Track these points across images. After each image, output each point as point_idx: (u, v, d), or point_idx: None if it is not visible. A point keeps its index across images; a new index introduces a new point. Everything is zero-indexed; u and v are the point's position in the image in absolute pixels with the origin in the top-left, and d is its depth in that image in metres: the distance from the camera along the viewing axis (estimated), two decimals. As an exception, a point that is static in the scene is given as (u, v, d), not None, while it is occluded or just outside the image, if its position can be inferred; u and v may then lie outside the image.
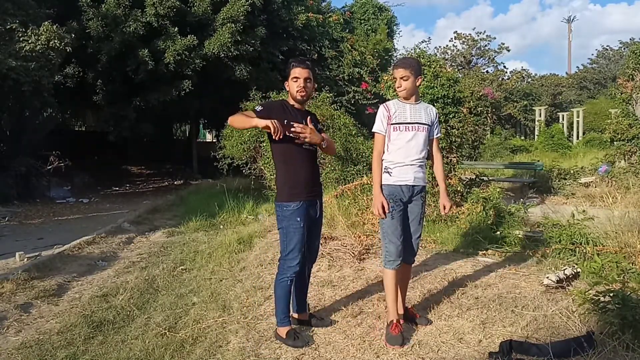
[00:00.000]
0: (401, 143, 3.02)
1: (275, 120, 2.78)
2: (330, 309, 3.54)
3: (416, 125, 3.03)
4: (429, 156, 3.21)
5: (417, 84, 3.07)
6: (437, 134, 3.19)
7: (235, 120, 2.98)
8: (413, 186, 3.05)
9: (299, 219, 2.94)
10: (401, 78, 3.02)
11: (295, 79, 2.99)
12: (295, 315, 3.24)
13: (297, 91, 2.99)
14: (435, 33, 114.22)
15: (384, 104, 3.12)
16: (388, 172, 3.04)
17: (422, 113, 3.08)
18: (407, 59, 3.26)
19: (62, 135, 14.68)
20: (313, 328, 3.21)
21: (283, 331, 3.01)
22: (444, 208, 3.16)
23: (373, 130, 3.10)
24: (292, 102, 3.07)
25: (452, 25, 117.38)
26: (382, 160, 3.06)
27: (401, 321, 3.08)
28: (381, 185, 3.03)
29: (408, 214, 3.10)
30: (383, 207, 2.98)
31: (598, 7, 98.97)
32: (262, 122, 2.79)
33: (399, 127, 3.02)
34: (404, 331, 3.03)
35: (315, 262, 3.33)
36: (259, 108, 2.95)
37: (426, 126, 3.07)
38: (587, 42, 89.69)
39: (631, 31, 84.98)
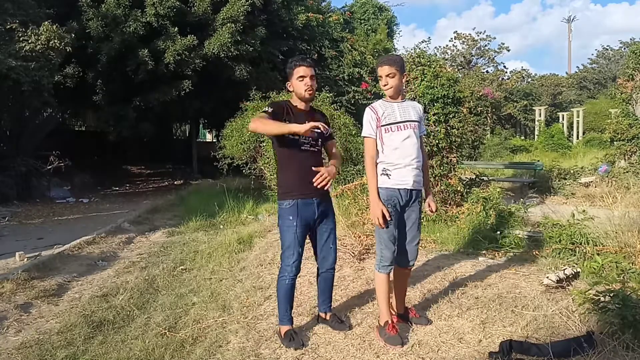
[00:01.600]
0: (396, 143, 2.92)
1: (313, 123, 2.77)
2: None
3: (408, 123, 2.95)
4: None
5: (403, 81, 3.02)
6: (423, 131, 3.12)
7: (262, 126, 2.86)
8: (411, 190, 2.95)
9: (291, 217, 2.94)
10: (387, 76, 2.93)
11: (301, 78, 2.95)
12: (321, 315, 3.27)
13: (305, 90, 2.96)
14: (436, 33, 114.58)
15: (370, 106, 3.02)
16: (386, 175, 2.93)
17: (411, 110, 3.01)
18: (392, 55, 3.19)
19: (62, 135, 14.66)
20: (313, 328, 3.21)
21: (283, 330, 3.03)
22: (429, 206, 3.10)
23: (363, 135, 2.98)
24: (295, 102, 3.03)
25: (453, 25, 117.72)
26: (378, 163, 2.97)
27: (395, 319, 3.08)
28: (378, 191, 2.93)
29: (405, 219, 3.02)
30: (384, 216, 2.87)
31: (599, 7, 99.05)
32: (299, 128, 2.75)
33: (391, 127, 2.93)
34: (403, 331, 3.03)
35: (333, 265, 3.20)
36: (269, 109, 2.90)
37: (417, 123, 3.01)
38: (588, 42, 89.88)
39: (632, 31, 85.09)
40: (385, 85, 2.96)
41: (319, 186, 2.92)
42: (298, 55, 3.10)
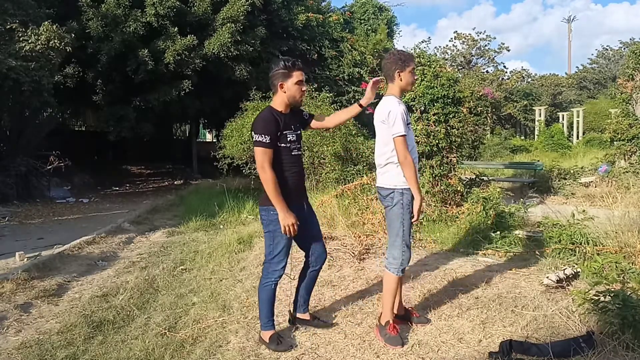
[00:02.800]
0: (412, 142, 2.97)
1: (292, 224, 2.79)
2: (330, 309, 3.54)
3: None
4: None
5: None
6: None
7: (272, 189, 2.80)
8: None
9: None
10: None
11: (300, 83, 2.87)
12: (300, 316, 3.22)
13: (301, 96, 2.93)
14: (437, 33, 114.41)
15: (398, 101, 2.90)
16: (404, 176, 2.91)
17: None
18: None
19: (62, 135, 14.67)
20: (313, 328, 3.19)
21: (267, 335, 2.98)
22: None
23: (400, 133, 2.80)
24: (279, 106, 2.90)
25: (454, 25, 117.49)
26: (398, 164, 2.91)
27: (397, 321, 3.09)
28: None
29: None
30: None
31: (599, 6, 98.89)
32: (284, 221, 2.78)
33: (409, 126, 2.96)
34: (403, 331, 3.03)
35: (325, 261, 3.23)
36: (267, 139, 2.77)
37: None
38: (590, 42, 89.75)
39: (633, 31, 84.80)
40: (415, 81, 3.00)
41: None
42: (288, 57, 2.97)
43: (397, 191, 2.91)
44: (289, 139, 2.89)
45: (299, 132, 3.00)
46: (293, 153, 2.93)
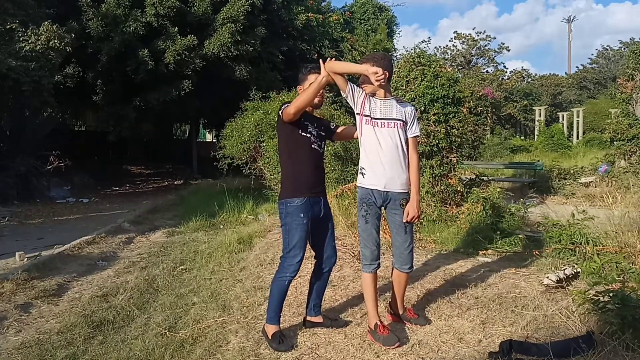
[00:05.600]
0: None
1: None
2: (330, 309, 3.53)
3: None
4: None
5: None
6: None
7: (300, 100, 2.88)
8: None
9: (302, 214, 2.92)
10: None
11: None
12: (311, 319, 3.21)
13: (318, 99, 3.04)
14: (438, 33, 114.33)
15: None
16: None
17: None
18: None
19: (62, 135, 14.66)
20: (313, 328, 3.19)
21: (271, 329, 2.98)
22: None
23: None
24: None
25: (455, 25, 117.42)
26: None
27: (389, 318, 3.14)
28: None
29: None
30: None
31: (601, 6, 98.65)
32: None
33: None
34: (399, 331, 3.03)
35: (335, 263, 3.23)
36: (287, 105, 2.99)
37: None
38: (591, 42, 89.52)
39: (634, 31, 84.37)
40: None
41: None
42: (308, 64, 3.14)
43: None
44: (309, 129, 3.02)
45: (322, 133, 3.12)
46: (312, 146, 3.02)
